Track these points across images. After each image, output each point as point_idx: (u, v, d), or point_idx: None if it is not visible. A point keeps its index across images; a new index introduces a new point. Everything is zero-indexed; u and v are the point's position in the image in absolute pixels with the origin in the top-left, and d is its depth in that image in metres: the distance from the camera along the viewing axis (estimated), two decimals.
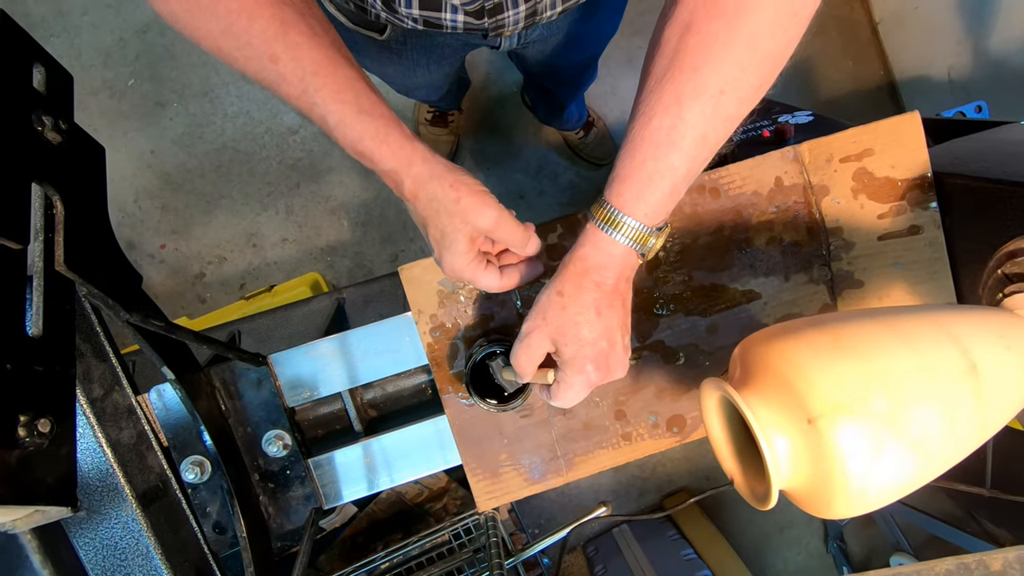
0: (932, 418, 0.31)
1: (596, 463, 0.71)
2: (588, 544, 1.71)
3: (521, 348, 0.50)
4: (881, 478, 0.30)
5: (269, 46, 0.39)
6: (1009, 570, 0.60)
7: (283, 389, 0.67)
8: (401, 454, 0.71)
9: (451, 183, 0.46)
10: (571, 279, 0.48)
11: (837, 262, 0.70)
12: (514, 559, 1.02)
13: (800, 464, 0.32)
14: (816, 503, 0.32)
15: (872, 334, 0.33)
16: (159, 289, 1.54)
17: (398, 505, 1.37)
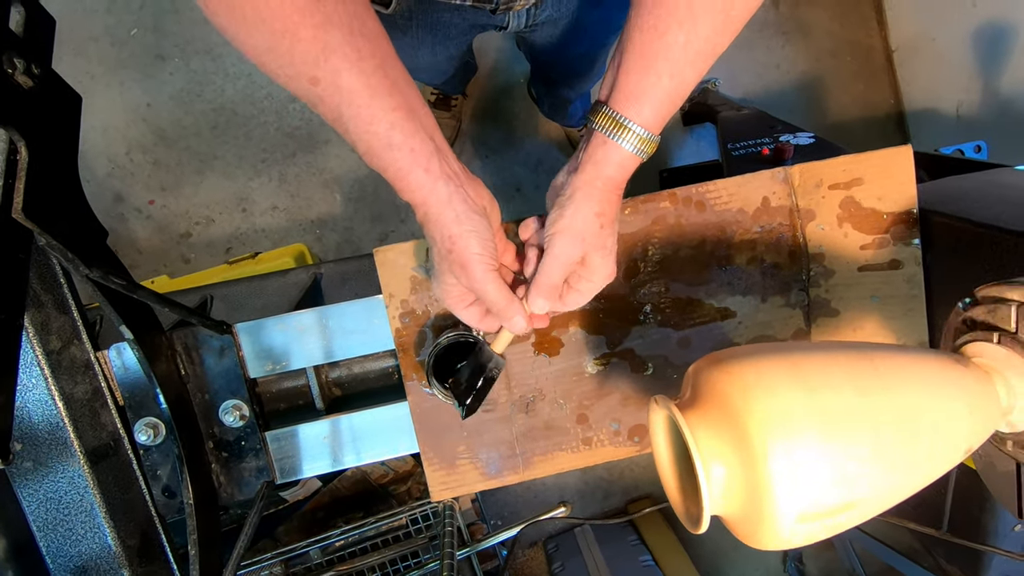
0: (869, 462, 0.31)
1: (554, 464, 0.71)
2: (549, 541, 1.72)
3: (557, 266, 0.52)
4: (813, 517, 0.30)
5: (309, 69, 0.39)
6: None
7: (246, 359, 0.66)
8: (365, 434, 0.70)
9: (450, 235, 0.48)
10: (606, 199, 0.50)
11: (815, 288, 0.69)
12: (468, 550, 1.03)
13: (735, 491, 0.32)
14: (746, 532, 0.32)
15: (826, 370, 0.32)
16: (144, 244, 1.52)
17: (362, 484, 1.37)
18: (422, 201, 0.47)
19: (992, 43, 1.35)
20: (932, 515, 0.87)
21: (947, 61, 1.49)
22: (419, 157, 0.44)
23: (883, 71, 1.66)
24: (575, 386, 0.69)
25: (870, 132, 1.67)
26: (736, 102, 1.51)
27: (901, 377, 0.32)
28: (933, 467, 0.33)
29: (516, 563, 1.74)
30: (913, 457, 0.32)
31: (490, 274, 0.50)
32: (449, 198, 0.47)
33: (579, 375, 0.69)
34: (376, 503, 1.38)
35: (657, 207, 0.67)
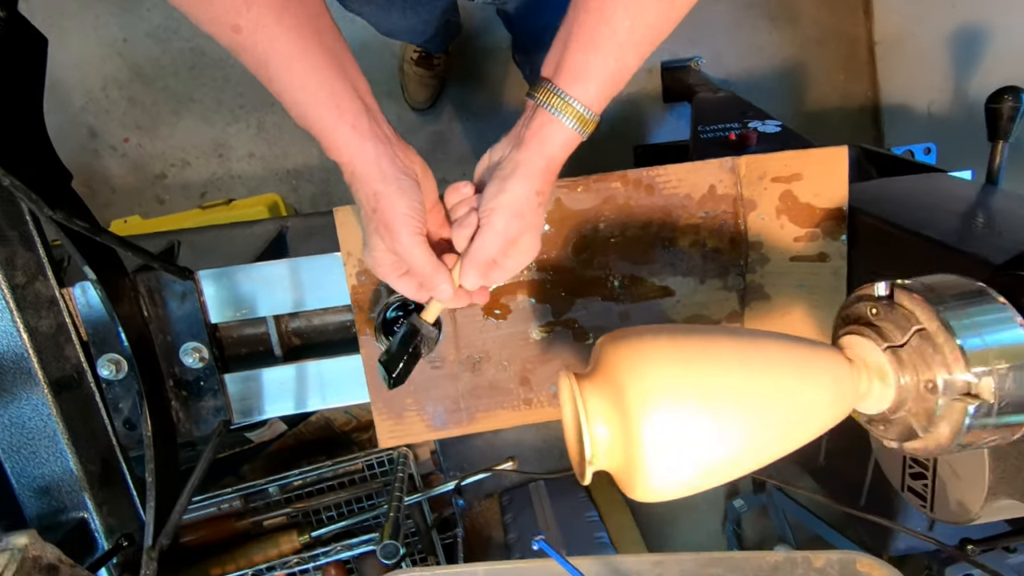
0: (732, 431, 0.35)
1: (496, 421, 0.76)
2: (504, 494, 1.81)
3: (495, 243, 0.50)
4: (677, 473, 0.35)
5: (231, 17, 0.38)
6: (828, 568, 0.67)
7: (208, 305, 0.69)
8: (322, 382, 0.75)
9: (375, 192, 0.47)
10: (545, 179, 0.50)
11: (751, 274, 0.74)
12: (419, 496, 1.09)
13: (616, 450, 0.37)
14: (625, 485, 0.37)
15: (701, 349, 0.37)
16: (118, 183, 1.52)
17: (326, 430, 1.43)
18: (348, 159, 0.46)
19: (967, 45, 1.38)
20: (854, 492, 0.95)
21: (924, 59, 1.51)
22: (346, 115, 0.44)
23: (865, 63, 1.68)
24: (520, 350, 0.74)
25: (845, 123, 1.70)
26: (716, 83, 1.53)
27: (769, 359, 0.37)
28: (791, 439, 0.38)
29: (472, 512, 1.83)
30: (773, 430, 0.37)
31: (416, 237, 0.49)
32: (376, 157, 0.46)
33: (524, 340, 0.74)
34: (339, 449, 1.43)
35: (608, 187, 0.71)
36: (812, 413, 0.37)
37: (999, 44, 1.32)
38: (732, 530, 1.95)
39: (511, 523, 1.67)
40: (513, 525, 1.66)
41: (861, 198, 0.70)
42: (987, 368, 0.35)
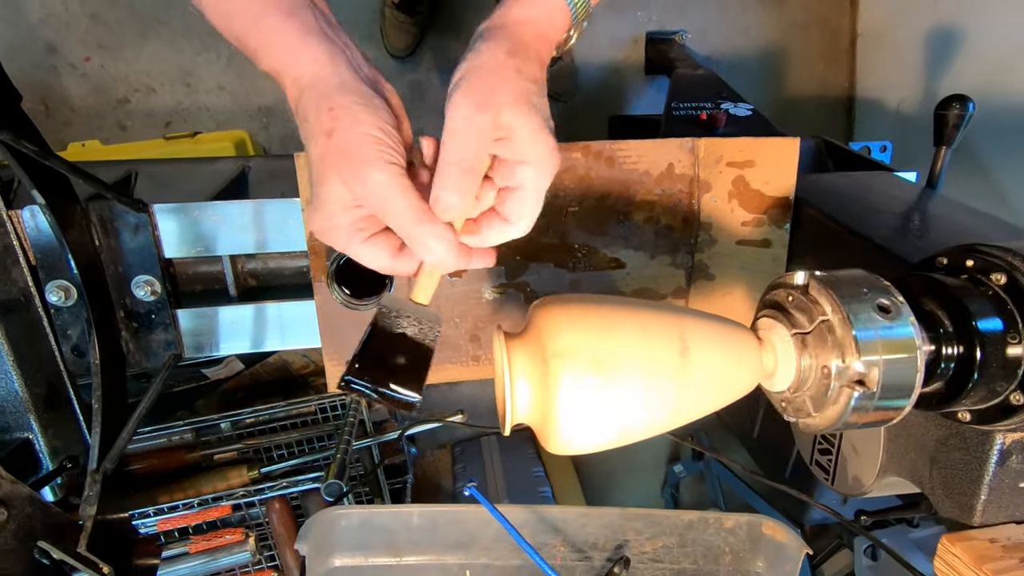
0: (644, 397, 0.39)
1: (443, 374, 0.79)
2: (457, 445, 1.87)
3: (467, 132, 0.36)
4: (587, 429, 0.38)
5: None
6: (737, 529, 0.73)
7: (162, 239, 0.69)
8: (284, 324, 0.76)
9: (330, 107, 0.34)
10: (523, 46, 0.38)
11: (699, 254, 0.77)
12: (369, 440, 1.13)
13: (536, 405, 0.40)
14: (542, 437, 0.41)
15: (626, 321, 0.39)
16: (77, 103, 1.46)
17: (283, 372, 1.44)
18: (293, 65, 0.35)
19: (942, 46, 1.41)
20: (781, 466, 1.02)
21: (901, 56, 1.54)
22: (296, 21, 0.35)
23: (845, 54, 1.70)
24: (472, 309, 0.76)
25: (819, 112, 1.73)
26: (698, 60, 1.53)
27: (684, 333, 0.40)
28: (696, 407, 0.41)
29: (424, 461, 1.89)
30: (679, 398, 0.40)
31: (392, 169, 0.35)
32: (331, 59, 0.35)
33: (477, 299, 0.76)
34: (295, 391, 1.46)
35: (570, 156, 0.72)
36: (718, 385, 0.41)
37: (972, 47, 1.35)
38: (670, 493, 2.06)
39: (461, 473, 1.73)
40: (463, 475, 1.73)
41: (809, 190, 0.73)
42: (875, 358, 0.39)
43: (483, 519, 0.65)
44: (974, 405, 0.45)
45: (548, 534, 0.68)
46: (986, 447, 0.46)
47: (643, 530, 0.70)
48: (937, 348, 0.44)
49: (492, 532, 0.66)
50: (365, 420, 1.12)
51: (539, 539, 0.68)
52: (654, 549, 0.71)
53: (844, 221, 0.64)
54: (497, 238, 0.41)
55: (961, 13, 1.35)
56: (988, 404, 0.44)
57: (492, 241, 0.41)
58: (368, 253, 0.39)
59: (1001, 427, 0.44)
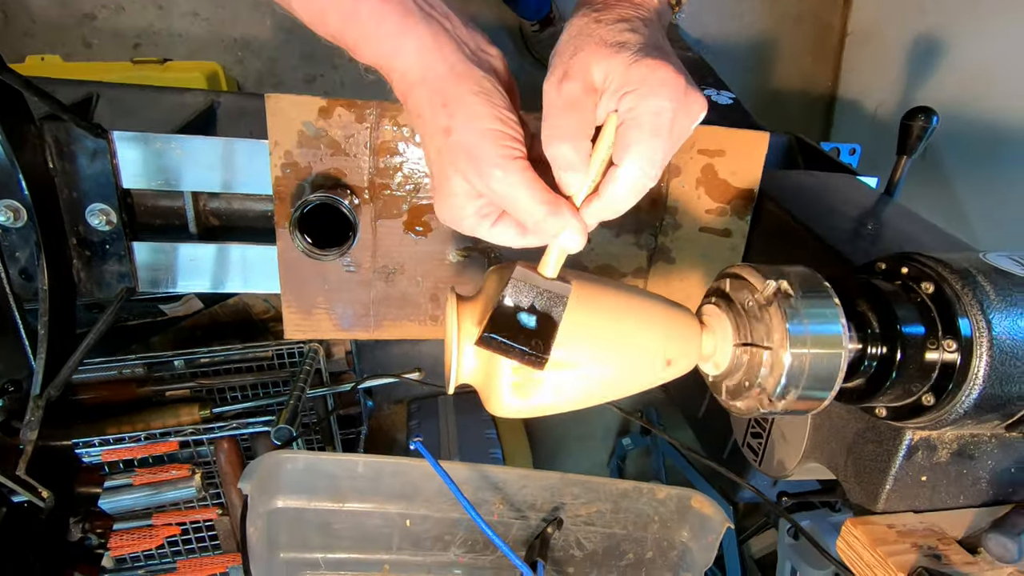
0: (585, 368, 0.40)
1: (402, 331, 0.80)
2: (413, 402, 1.89)
3: (562, 103, 0.34)
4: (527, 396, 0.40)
5: None
6: (668, 500, 0.77)
7: (121, 168, 0.67)
8: (247, 266, 0.75)
9: (444, 100, 0.33)
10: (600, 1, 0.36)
11: (663, 237, 0.79)
12: (324, 390, 1.14)
13: (480, 367, 0.41)
14: (485, 399, 0.42)
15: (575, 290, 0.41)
16: (38, 13, 1.37)
17: (243, 315, 1.43)
18: (398, 56, 0.33)
19: (925, 55, 1.43)
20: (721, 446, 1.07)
21: (886, 59, 1.56)
22: (393, 3, 0.33)
23: (833, 52, 1.72)
24: (435, 269, 0.77)
25: (800, 107, 1.75)
26: (689, 42, 1.52)
27: (631, 311, 0.42)
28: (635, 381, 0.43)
29: (380, 414, 1.92)
30: (620, 371, 0.42)
31: (516, 163, 0.34)
32: (436, 42, 0.33)
33: (440, 260, 0.76)
34: (254, 335, 1.45)
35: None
36: (658, 363, 0.43)
37: (953, 59, 1.38)
38: (616, 464, 2.15)
39: (415, 428, 1.76)
40: (417, 431, 1.76)
41: (772, 184, 0.75)
42: (803, 351, 0.41)
43: (427, 473, 0.67)
44: (890, 403, 0.48)
45: (489, 492, 0.71)
46: (896, 442, 0.50)
47: (580, 495, 0.74)
48: (863, 347, 0.46)
49: (434, 486, 0.69)
50: (322, 370, 1.13)
51: (479, 496, 0.71)
52: (588, 513, 0.75)
53: (801, 218, 0.66)
54: (611, 191, 0.36)
55: (948, 24, 1.38)
56: (902, 403, 0.47)
57: (610, 197, 0.37)
58: (498, 236, 0.40)
59: (912, 424, 0.48)
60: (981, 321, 0.43)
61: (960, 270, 0.45)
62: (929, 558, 0.46)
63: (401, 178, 0.72)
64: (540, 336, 0.38)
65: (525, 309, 0.38)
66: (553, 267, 0.40)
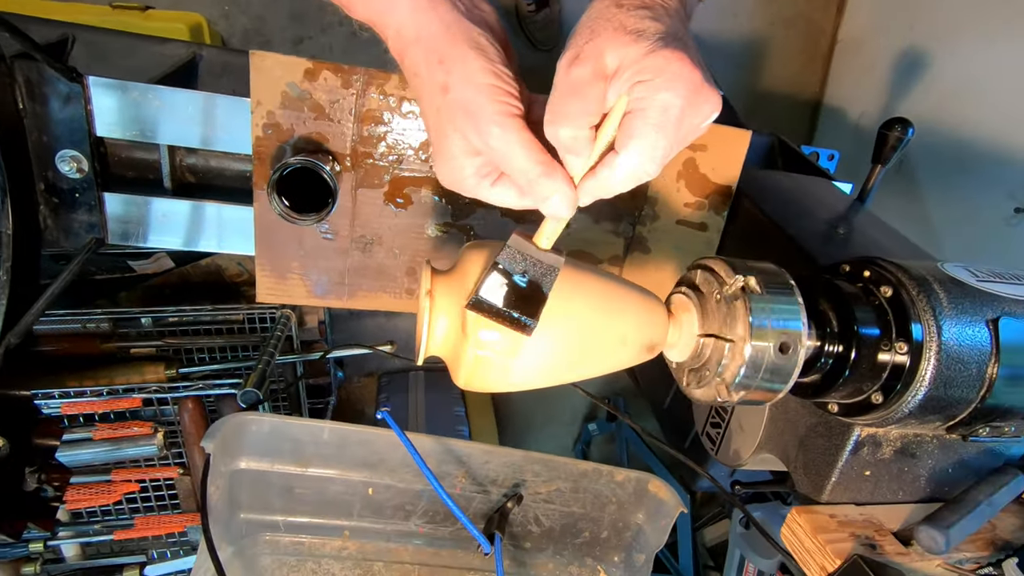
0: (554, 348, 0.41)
1: (376, 302, 0.80)
2: (385, 375, 1.90)
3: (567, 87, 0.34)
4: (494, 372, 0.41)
5: None
6: (626, 483, 0.79)
7: (95, 115, 0.66)
8: (222, 226, 0.74)
9: (440, 57, 0.33)
10: None
11: (641, 226, 0.80)
12: (294, 357, 1.13)
13: (450, 340, 0.42)
14: (452, 371, 0.43)
15: None
16: None
17: (215, 276, 1.41)
18: (391, 12, 0.34)
19: (909, 68, 1.46)
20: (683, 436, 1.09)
21: (871, 69, 1.59)
22: None
23: (822, 57, 1.74)
24: (413, 242, 0.77)
25: (786, 110, 1.77)
26: None
27: (602, 296, 0.43)
28: (601, 363, 0.44)
29: (350, 386, 1.91)
30: (588, 354, 0.43)
31: (512, 121, 0.34)
32: (432, 2, 0.34)
33: (419, 234, 0.76)
34: (226, 298, 1.43)
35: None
36: (623, 347, 0.44)
37: (935, 74, 1.41)
38: (581, 449, 2.18)
39: (384, 402, 1.77)
40: (386, 404, 1.77)
41: (750, 183, 0.76)
42: (764, 344, 0.43)
43: (392, 443, 0.68)
44: (842, 399, 0.50)
45: (452, 465, 0.72)
46: (845, 437, 0.52)
47: (541, 472, 0.75)
48: (821, 344, 0.48)
49: (399, 456, 0.70)
50: (293, 337, 1.12)
51: (443, 468, 0.72)
52: (548, 491, 0.77)
53: (775, 218, 0.68)
54: (609, 175, 0.36)
55: (932, 40, 1.40)
56: (853, 400, 0.49)
57: (606, 179, 0.37)
58: (497, 196, 0.39)
59: (860, 421, 0.50)
60: (932, 326, 0.45)
61: (918, 277, 0.47)
62: (865, 547, 0.49)
63: (384, 148, 0.71)
64: (528, 304, 0.39)
65: (517, 276, 0.39)
66: (547, 238, 0.41)
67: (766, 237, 0.69)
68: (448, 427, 1.65)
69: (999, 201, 1.20)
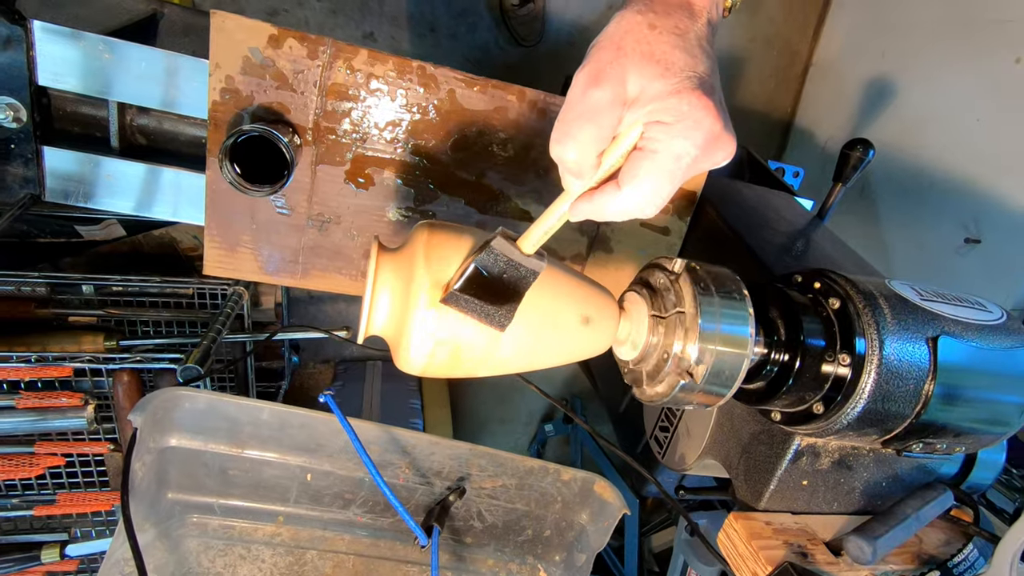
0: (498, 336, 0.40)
1: (330, 283, 0.77)
2: (341, 363, 1.86)
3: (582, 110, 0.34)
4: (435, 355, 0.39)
5: None
6: (572, 483, 0.79)
7: (39, 62, 0.62)
8: (180, 193, 0.71)
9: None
10: (666, 6, 0.35)
11: (605, 226, 0.80)
12: (244, 336, 1.10)
13: (393, 319, 0.40)
14: (394, 352, 0.41)
15: None
16: None
17: (168, 249, 1.35)
18: None
19: (877, 96, 1.50)
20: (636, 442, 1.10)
21: (841, 95, 1.63)
22: None
23: (796, 79, 1.78)
24: (372, 225, 0.75)
25: (759, 125, 1.81)
26: None
27: (552, 287, 0.42)
28: (548, 356, 0.44)
29: (305, 371, 1.87)
30: (533, 344, 0.42)
31: None
32: None
33: (379, 217, 0.74)
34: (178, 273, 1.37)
35: (504, 97, 0.71)
36: (569, 339, 0.43)
37: (900, 103, 1.45)
38: (536, 450, 2.18)
39: (338, 389, 1.73)
40: (340, 392, 1.73)
41: (715, 191, 0.77)
42: (711, 347, 0.42)
43: (334, 428, 0.66)
44: (785, 408, 0.50)
45: (396, 454, 0.71)
46: (785, 445, 0.53)
47: (487, 467, 0.74)
48: (768, 352, 0.48)
49: (340, 442, 0.68)
50: (244, 315, 1.08)
51: (386, 458, 0.70)
52: (493, 487, 0.76)
53: (735, 226, 0.68)
54: (605, 205, 0.37)
55: (899, 71, 1.45)
56: (795, 409, 0.50)
57: (601, 208, 0.37)
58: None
59: (801, 430, 0.50)
60: (875, 340, 0.45)
61: (865, 291, 0.48)
62: (797, 555, 0.49)
63: (349, 125, 0.69)
64: (503, 302, 0.39)
65: (495, 276, 0.39)
66: (533, 243, 0.41)
67: (725, 244, 0.69)
68: (403, 419, 1.62)
69: (951, 230, 1.25)
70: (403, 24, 1.50)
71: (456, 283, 0.38)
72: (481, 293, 0.38)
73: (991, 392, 0.48)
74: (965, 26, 1.29)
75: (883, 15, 1.51)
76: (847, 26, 1.65)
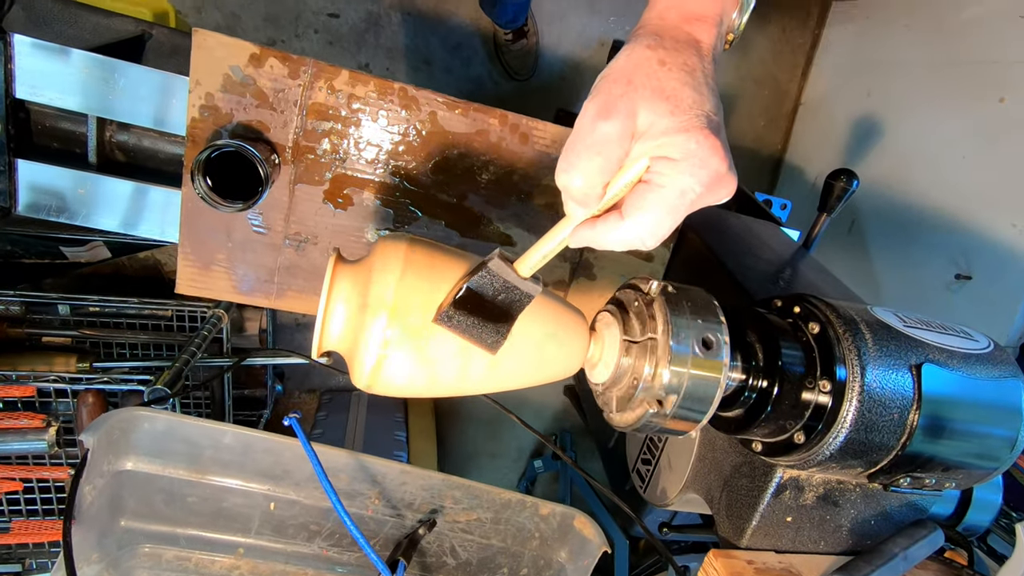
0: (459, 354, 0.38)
1: (306, 305, 0.76)
2: (327, 393, 1.82)
3: (591, 141, 0.34)
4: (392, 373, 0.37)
5: None
6: (551, 518, 0.75)
7: (16, 75, 0.62)
8: (144, 209, 0.70)
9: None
10: (674, 40, 0.36)
11: (588, 253, 0.79)
12: (222, 360, 1.07)
13: (348, 334, 0.38)
14: (350, 367, 0.39)
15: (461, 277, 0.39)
16: None
17: (152, 272, 1.34)
18: None
19: (865, 134, 1.52)
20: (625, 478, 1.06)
21: (830, 133, 1.65)
22: None
23: (785, 118, 1.80)
24: (350, 245, 0.73)
25: (750, 162, 1.82)
26: None
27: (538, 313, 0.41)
28: (512, 377, 0.42)
29: (289, 400, 1.83)
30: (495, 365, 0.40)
31: None
32: None
33: (358, 237, 0.73)
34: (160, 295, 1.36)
35: (486, 120, 0.71)
36: (535, 360, 0.41)
37: (887, 141, 1.47)
38: (525, 486, 2.12)
39: (322, 420, 1.69)
40: (324, 422, 1.69)
41: (699, 218, 0.76)
42: (683, 370, 0.40)
43: (301, 454, 0.63)
44: (765, 437, 0.48)
45: (365, 484, 0.67)
46: (768, 478, 0.50)
47: (461, 500, 0.71)
48: (746, 378, 0.46)
49: (308, 470, 0.65)
50: (224, 339, 1.06)
51: (355, 487, 0.67)
52: (468, 521, 0.72)
53: (718, 252, 0.67)
54: (606, 234, 0.37)
55: (887, 109, 1.47)
56: (776, 439, 0.47)
57: (603, 237, 0.37)
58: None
59: (783, 462, 0.48)
60: (856, 367, 0.43)
61: (846, 316, 0.46)
62: None
63: (329, 145, 0.69)
64: (496, 323, 0.39)
65: (488, 297, 0.39)
66: (530, 267, 0.41)
67: (707, 270, 0.68)
68: (386, 450, 1.58)
69: (941, 267, 1.24)
70: (399, 57, 1.52)
71: (449, 302, 0.37)
72: (474, 313, 0.38)
73: (978, 424, 0.46)
74: (950, 67, 1.31)
75: (868, 56, 1.55)
76: (833, 66, 1.68)
